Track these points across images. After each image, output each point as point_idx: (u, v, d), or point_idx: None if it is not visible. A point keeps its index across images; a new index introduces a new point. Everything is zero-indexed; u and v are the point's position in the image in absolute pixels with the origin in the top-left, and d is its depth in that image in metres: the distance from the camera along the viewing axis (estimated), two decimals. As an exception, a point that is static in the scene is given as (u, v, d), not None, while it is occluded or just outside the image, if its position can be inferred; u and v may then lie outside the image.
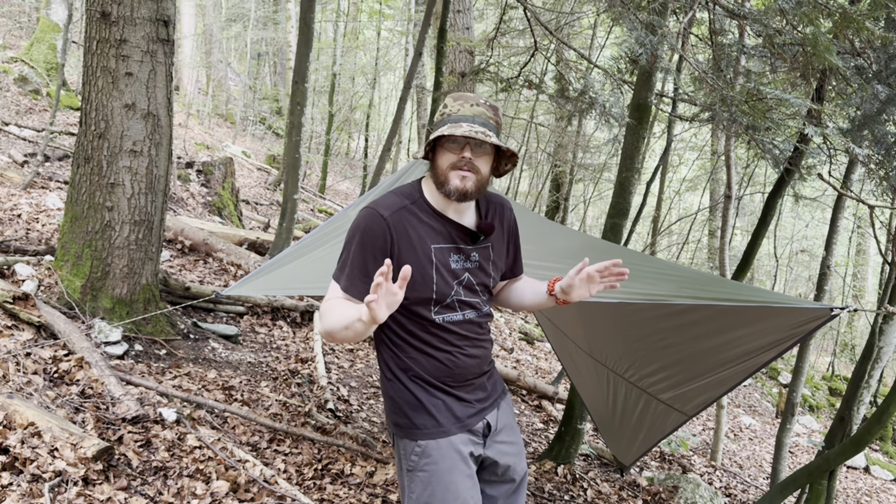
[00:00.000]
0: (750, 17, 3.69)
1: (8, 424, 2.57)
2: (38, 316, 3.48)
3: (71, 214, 3.78)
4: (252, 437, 3.30)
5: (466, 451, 1.74)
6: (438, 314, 1.72)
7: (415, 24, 12.87)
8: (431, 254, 1.68)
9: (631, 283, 2.74)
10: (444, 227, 1.71)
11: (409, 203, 1.70)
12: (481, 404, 1.80)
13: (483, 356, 1.82)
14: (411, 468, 1.72)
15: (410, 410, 1.73)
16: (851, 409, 4.03)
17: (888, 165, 3.68)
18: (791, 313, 2.66)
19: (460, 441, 1.74)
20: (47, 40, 9.47)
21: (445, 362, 1.72)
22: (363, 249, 1.62)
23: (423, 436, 1.71)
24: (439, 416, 1.72)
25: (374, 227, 1.63)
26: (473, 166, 1.63)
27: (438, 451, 1.70)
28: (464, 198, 1.65)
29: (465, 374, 1.76)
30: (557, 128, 9.52)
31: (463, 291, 1.75)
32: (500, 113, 1.71)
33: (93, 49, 3.62)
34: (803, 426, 9.52)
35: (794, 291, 16.17)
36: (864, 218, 11.20)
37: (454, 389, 1.75)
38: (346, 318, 1.51)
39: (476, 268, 1.77)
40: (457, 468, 1.70)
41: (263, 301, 5.29)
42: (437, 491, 1.68)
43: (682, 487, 4.78)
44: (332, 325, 1.54)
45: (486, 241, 1.80)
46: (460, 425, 1.74)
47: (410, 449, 1.72)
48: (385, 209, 1.66)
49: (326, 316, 1.58)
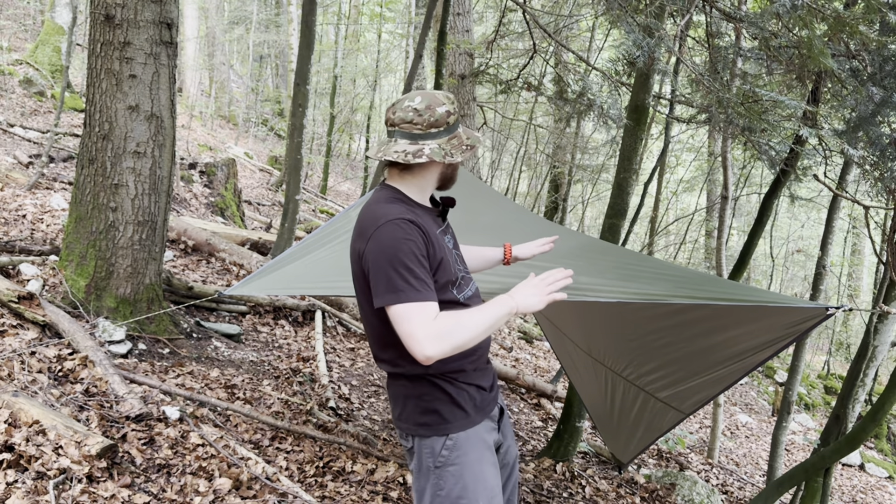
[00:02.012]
0: (746, 20, 3.72)
1: (13, 422, 2.58)
2: (42, 315, 3.50)
3: (75, 215, 3.81)
4: (254, 435, 3.32)
5: (491, 440, 1.79)
6: (459, 292, 1.77)
7: (415, 27, 12.91)
8: (441, 240, 1.76)
9: (629, 282, 2.79)
10: (430, 216, 1.79)
11: (406, 206, 1.74)
12: (493, 391, 1.85)
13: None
14: (440, 464, 1.70)
15: (440, 406, 1.72)
16: (847, 407, 4.05)
17: (883, 167, 3.71)
18: (787, 313, 2.69)
19: (484, 430, 1.77)
20: (52, 43, 9.52)
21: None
22: (413, 257, 1.60)
23: (455, 429, 1.71)
24: (466, 406, 1.74)
25: (411, 233, 1.63)
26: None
27: (468, 443, 1.72)
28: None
29: (484, 352, 1.81)
30: (556, 129, 9.56)
31: (462, 267, 1.85)
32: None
33: (97, 51, 3.65)
34: (799, 424, 9.56)
35: (790, 291, 16.18)
36: (860, 218, 11.26)
37: (472, 377, 1.77)
38: (489, 318, 1.57)
39: (455, 243, 1.90)
40: (484, 458, 1.73)
41: (266, 300, 5.32)
42: (468, 482, 1.68)
43: (679, 485, 4.82)
44: (471, 333, 1.55)
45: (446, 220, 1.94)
46: (483, 413, 1.78)
47: (441, 445, 1.71)
48: (406, 213, 1.67)
49: (456, 330, 1.54)
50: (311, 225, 9.47)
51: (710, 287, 2.88)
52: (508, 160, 13.69)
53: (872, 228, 4.63)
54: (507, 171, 13.53)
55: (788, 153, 4.18)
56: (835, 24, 3.21)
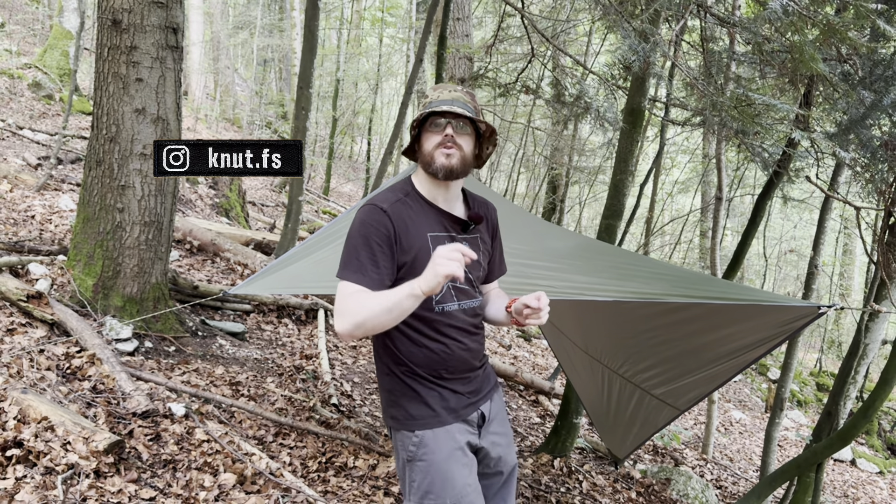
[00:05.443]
0: (740, 25, 3.77)
1: (22, 419, 2.61)
2: (51, 314, 3.55)
3: (83, 216, 3.85)
4: (258, 431, 3.36)
5: (463, 441, 1.78)
6: (439, 303, 1.76)
7: (416, 32, 13.00)
8: (428, 241, 1.74)
9: (625, 281, 2.83)
10: (437, 216, 1.78)
11: (404, 196, 1.77)
12: (475, 396, 1.84)
13: (477, 349, 1.85)
14: (410, 458, 1.76)
15: (407, 402, 1.77)
16: (838, 404, 4.08)
17: (873, 168, 3.76)
18: (780, 311, 2.74)
19: (456, 430, 1.78)
20: (60, 47, 9.59)
21: (441, 353, 1.76)
22: (368, 241, 1.67)
23: (420, 426, 1.75)
24: (435, 406, 1.76)
25: (376, 218, 1.69)
26: (456, 143, 1.72)
27: (435, 441, 1.74)
28: (450, 175, 1.73)
29: (460, 366, 1.80)
30: (554, 132, 9.62)
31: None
32: (476, 100, 1.81)
33: (104, 55, 3.69)
34: (792, 420, 9.61)
35: (783, 290, 16.23)
36: (851, 219, 11.31)
37: (448, 382, 1.79)
38: (388, 301, 1.54)
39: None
40: (453, 457, 1.75)
41: (269, 299, 5.37)
42: (435, 479, 1.72)
43: (674, 480, 4.87)
44: (369, 313, 1.55)
45: (475, 231, 1.87)
46: (455, 415, 1.79)
47: (409, 440, 1.76)
48: (383, 202, 1.73)
49: (356, 309, 1.58)
50: (313, 225, 9.55)
51: (705, 286, 2.92)
52: (507, 162, 13.74)
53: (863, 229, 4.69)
54: (506, 172, 13.59)
55: (781, 155, 4.23)
56: (826, 30, 3.27)
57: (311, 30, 5.81)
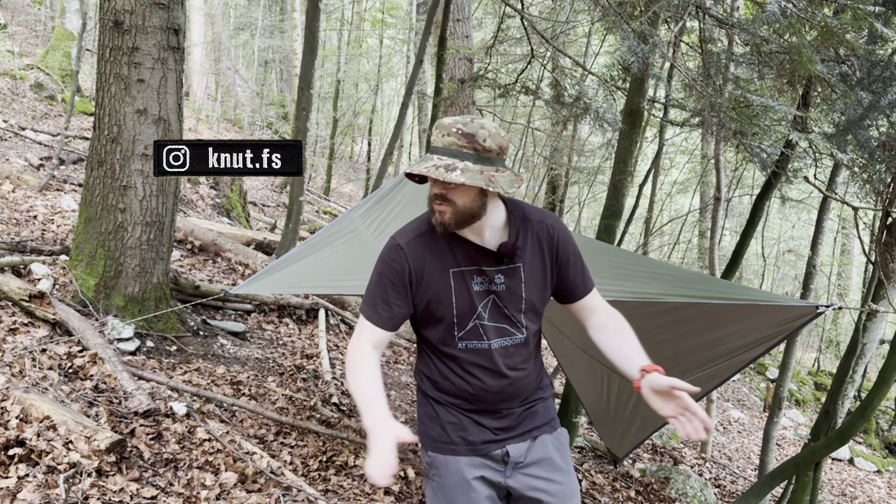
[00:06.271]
0: (738, 26, 3.79)
1: (24, 418, 2.61)
2: (53, 313, 3.56)
3: (85, 216, 3.86)
4: (259, 430, 3.37)
5: (475, 474, 1.70)
6: (462, 340, 1.67)
7: (416, 33, 13.03)
8: (450, 278, 1.65)
9: (624, 281, 2.85)
10: (463, 250, 1.66)
11: (428, 229, 1.67)
12: (504, 433, 1.73)
13: (515, 387, 1.71)
14: (426, 474, 1.79)
15: (427, 420, 1.76)
16: (836, 403, 4.10)
17: (871, 169, 3.77)
18: (778, 311, 2.77)
19: (468, 462, 1.70)
20: (62, 48, 9.62)
21: (463, 388, 1.70)
22: (381, 279, 1.65)
23: (433, 448, 1.73)
24: (451, 433, 1.72)
25: (392, 256, 1.65)
26: (446, 200, 1.56)
27: (445, 467, 1.71)
28: (445, 229, 1.60)
29: (491, 400, 1.70)
30: (553, 132, 9.64)
31: (488, 315, 1.67)
32: (478, 138, 1.54)
33: (106, 56, 3.69)
34: (790, 420, 9.62)
35: (781, 290, 16.24)
36: (849, 219, 11.34)
37: (474, 414, 1.73)
38: (356, 391, 1.55)
39: (503, 290, 1.67)
40: (460, 488, 1.69)
41: (270, 299, 5.38)
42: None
43: (673, 478, 4.88)
44: (350, 379, 1.60)
45: (514, 262, 1.68)
46: (471, 448, 1.71)
47: (425, 455, 1.77)
48: (402, 237, 1.67)
49: (349, 360, 1.62)
50: (314, 226, 9.57)
51: (704, 286, 2.94)
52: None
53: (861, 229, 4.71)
54: (507, 173, 13.56)
55: (779, 156, 4.24)
56: (824, 32, 3.29)
57: (312, 31, 5.83)
